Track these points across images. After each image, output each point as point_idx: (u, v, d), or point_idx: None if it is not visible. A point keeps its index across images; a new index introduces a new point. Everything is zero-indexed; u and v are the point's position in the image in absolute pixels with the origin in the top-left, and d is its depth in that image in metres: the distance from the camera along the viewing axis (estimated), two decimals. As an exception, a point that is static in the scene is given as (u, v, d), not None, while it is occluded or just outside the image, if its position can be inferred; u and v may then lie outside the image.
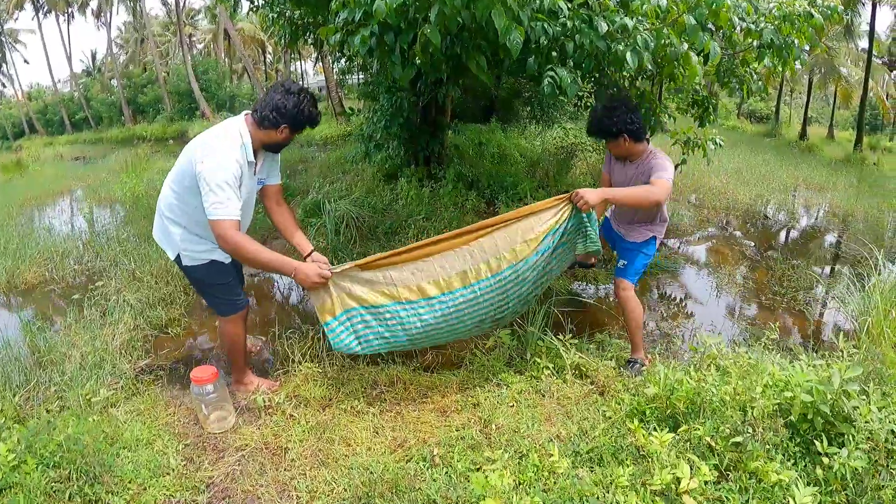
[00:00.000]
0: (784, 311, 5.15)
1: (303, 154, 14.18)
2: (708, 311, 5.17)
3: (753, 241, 7.39)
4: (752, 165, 12.53)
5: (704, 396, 2.75)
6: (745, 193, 9.60)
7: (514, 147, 11.32)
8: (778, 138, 22.97)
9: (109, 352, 3.98)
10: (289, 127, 2.97)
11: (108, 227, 7.85)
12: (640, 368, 3.60)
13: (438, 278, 3.07)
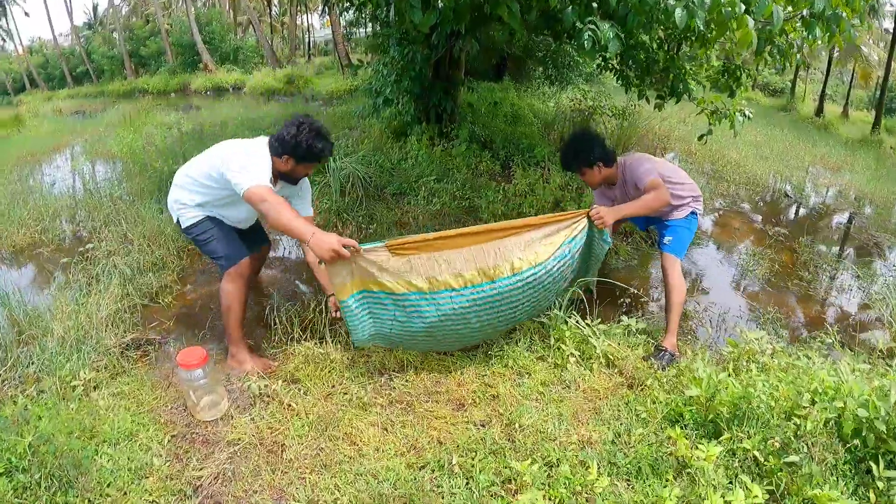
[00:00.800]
0: (814, 301, 4.76)
1: (308, 108, 13.70)
2: (732, 295, 4.78)
3: (776, 221, 6.92)
4: (770, 140, 12.08)
5: (751, 403, 2.46)
6: (763, 168, 9.16)
7: (528, 107, 10.84)
8: (793, 113, 22.30)
9: (94, 325, 3.65)
10: (291, 158, 3.07)
11: (102, 185, 7.50)
12: (670, 359, 3.31)
13: (463, 271, 2.94)
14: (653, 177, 3.45)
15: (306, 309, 3.77)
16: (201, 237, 3.29)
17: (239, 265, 3.25)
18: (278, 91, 21.08)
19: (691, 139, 9.98)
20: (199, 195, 3.23)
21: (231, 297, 3.24)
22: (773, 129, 13.96)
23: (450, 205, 5.89)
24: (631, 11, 3.21)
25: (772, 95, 29.92)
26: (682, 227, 3.75)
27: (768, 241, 6.00)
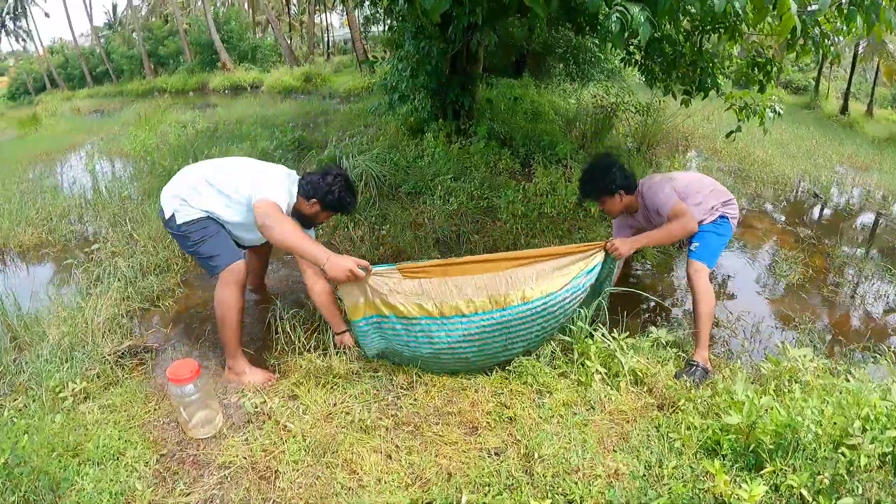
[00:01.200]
0: (853, 310, 4.43)
1: (324, 106, 13.51)
2: (765, 302, 4.44)
3: (806, 223, 6.55)
4: (796, 138, 11.66)
5: (797, 433, 2.18)
6: (791, 168, 8.77)
7: (549, 104, 10.55)
8: (817, 111, 21.71)
9: (91, 330, 3.46)
10: (318, 203, 3.07)
11: (112, 184, 7.34)
12: (703, 375, 3.04)
13: (474, 298, 2.90)
14: (674, 202, 3.31)
15: (312, 316, 3.55)
16: (194, 236, 3.05)
17: (233, 268, 3.03)
18: (296, 89, 20.95)
19: (716, 137, 9.66)
20: (214, 204, 3.07)
21: (226, 306, 3.01)
22: (798, 127, 13.51)
23: (467, 204, 5.62)
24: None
25: (794, 93, 29.30)
26: (710, 232, 3.48)
27: (800, 243, 5.64)
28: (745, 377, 2.77)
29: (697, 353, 3.18)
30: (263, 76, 25.03)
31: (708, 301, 3.28)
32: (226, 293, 3.01)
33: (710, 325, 3.28)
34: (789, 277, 4.77)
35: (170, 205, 3.07)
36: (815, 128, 14.31)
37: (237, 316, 3.03)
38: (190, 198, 3.04)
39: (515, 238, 5.00)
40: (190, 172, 3.17)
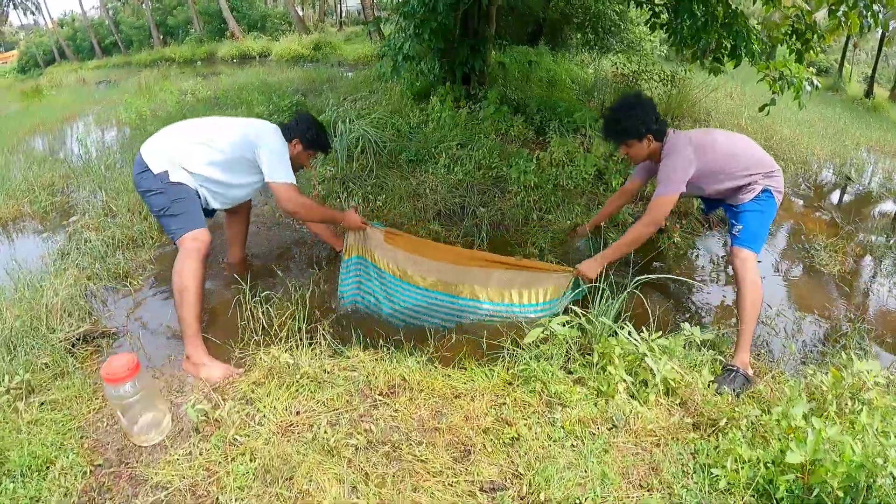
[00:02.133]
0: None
1: (330, 73, 13.00)
2: (805, 296, 3.90)
3: (840, 207, 6.02)
4: (823, 119, 10.95)
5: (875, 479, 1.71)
6: (820, 148, 8.17)
7: (566, 73, 9.98)
8: (841, 94, 20.96)
9: (45, 313, 3.08)
10: (300, 142, 3.26)
11: (101, 154, 7.02)
12: (743, 382, 2.58)
13: (427, 276, 3.25)
14: (662, 194, 2.96)
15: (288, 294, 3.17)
16: (171, 195, 2.86)
17: (196, 235, 2.81)
18: (305, 57, 20.46)
19: (741, 113, 9.08)
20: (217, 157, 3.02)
21: (184, 277, 2.69)
22: (825, 108, 12.83)
23: (474, 174, 5.11)
24: None
25: (817, 75, 28.53)
26: (754, 210, 3.04)
27: (836, 228, 5.10)
28: (802, 393, 2.26)
29: (738, 356, 2.72)
30: (272, 45, 24.52)
31: (756, 295, 2.85)
32: (186, 264, 2.72)
33: (754, 325, 2.83)
34: (830, 268, 4.25)
35: (161, 163, 2.88)
36: (842, 109, 13.74)
37: (196, 290, 2.68)
38: (187, 162, 2.94)
39: (527, 213, 4.52)
40: (185, 133, 3.04)
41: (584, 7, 11.91)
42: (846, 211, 5.82)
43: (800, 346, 3.24)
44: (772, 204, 3.08)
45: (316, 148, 3.36)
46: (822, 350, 3.17)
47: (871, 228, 5.24)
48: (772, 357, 3.09)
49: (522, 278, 3.09)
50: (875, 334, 3.42)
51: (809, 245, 4.64)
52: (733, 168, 3.02)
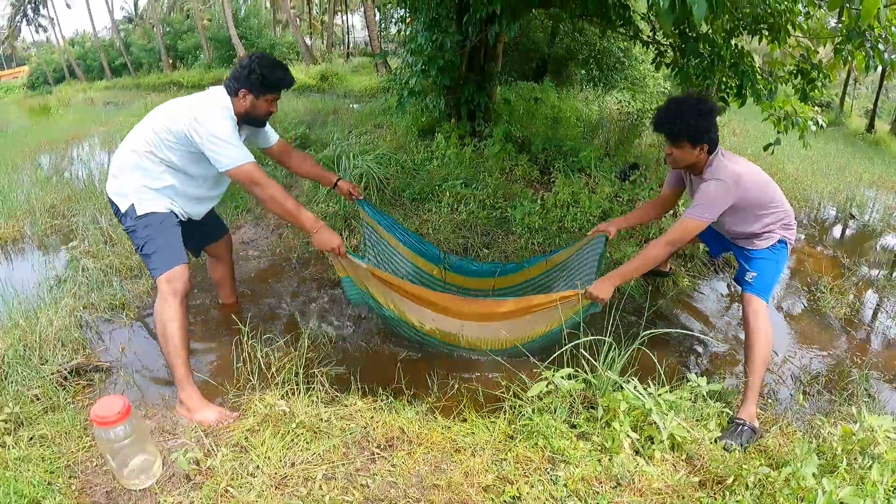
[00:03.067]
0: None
1: (336, 104, 13.07)
2: (811, 341, 3.84)
3: (844, 246, 5.98)
4: (825, 155, 10.99)
5: None
6: (823, 186, 8.18)
7: (570, 110, 10.03)
8: (842, 128, 21.11)
9: (39, 343, 3.04)
10: (248, 92, 2.77)
11: (103, 178, 6.95)
12: (750, 436, 2.52)
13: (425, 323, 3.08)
14: (690, 216, 2.80)
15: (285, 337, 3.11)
16: (144, 231, 2.75)
17: (171, 275, 2.69)
18: (311, 87, 20.54)
19: (745, 150, 9.12)
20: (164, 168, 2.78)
21: (166, 321, 2.62)
22: (827, 143, 12.89)
23: (478, 214, 5.07)
24: None
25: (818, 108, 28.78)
26: (769, 259, 2.96)
27: (842, 269, 5.07)
28: (811, 452, 2.19)
29: (744, 408, 2.65)
30: (280, 74, 24.80)
31: (766, 346, 2.78)
32: (163, 309, 2.64)
33: (762, 376, 2.77)
34: (836, 311, 4.20)
35: (126, 199, 2.77)
36: (844, 145, 13.81)
37: (179, 334, 2.61)
38: (147, 179, 2.76)
39: (531, 255, 4.47)
40: (133, 146, 2.79)
41: (589, 43, 12.00)
42: (850, 249, 5.80)
43: (806, 394, 3.18)
44: (785, 255, 3.02)
45: (270, 88, 2.80)
46: (830, 398, 3.11)
47: (875, 264, 5.23)
48: (779, 406, 3.03)
49: (526, 322, 2.94)
50: (884, 379, 3.39)
51: (814, 287, 4.61)
52: (765, 212, 2.93)
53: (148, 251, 2.73)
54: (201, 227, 3.19)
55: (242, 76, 2.74)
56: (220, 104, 2.74)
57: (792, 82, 5.21)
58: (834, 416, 2.80)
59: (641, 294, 4.03)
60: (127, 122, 11.61)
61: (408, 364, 3.20)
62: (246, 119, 2.86)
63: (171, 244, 2.77)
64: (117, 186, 2.78)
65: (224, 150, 2.62)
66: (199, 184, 2.91)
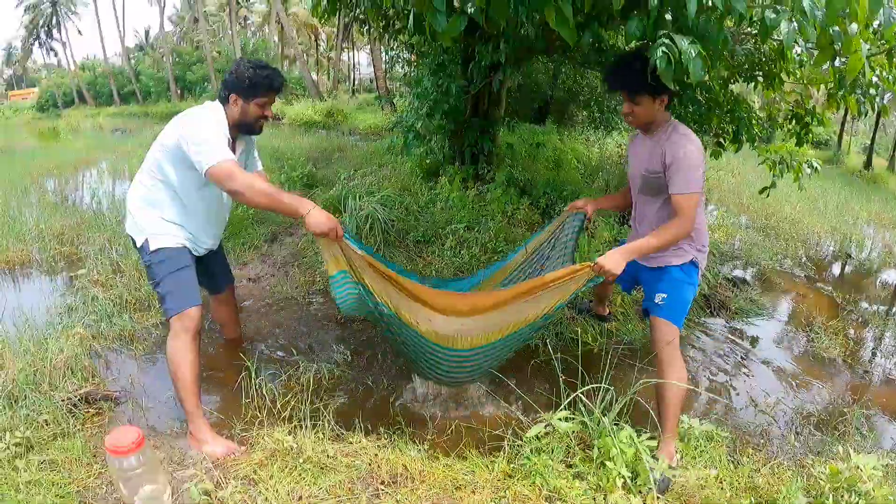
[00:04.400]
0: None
1: (342, 142, 13.27)
2: (804, 382, 3.94)
3: (840, 286, 6.14)
4: (824, 194, 11.23)
5: None
6: (821, 225, 8.37)
7: (571, 152, 10.24)
8: (841, 166, 21.35)
9: (49, 370, 3.11)
10: (238, 97, 2.75)
11: (112, 206, 7.13)
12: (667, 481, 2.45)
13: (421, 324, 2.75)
14: (692, 191, 2.50)
15: (291, 374, 3.18)
16: (159, 268, 2.79)
17: (185, 315, 2.73)
18: (317, 124, 20.70)
19: (743, 191, 9.29)
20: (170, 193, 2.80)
21: (178, 357, 2.68)
22: (824, 182, 13.03)
23: (479, 258, 5.16)
24: (715, 24, 2.58)
25: (816, 147, 28.99)
26: (681, 280, 2.72)
27: (837, 309, 5.20)
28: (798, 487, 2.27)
29: (664, 446, 2.60)
30: (287, 108, 24.99)
31: (681, 376, 2.64)
32: (175, 345, 2.71)
33: (679, 409, 2.65)
34: (830, 351, 4.32)
35: (141, 233, 2.82)
36: (841, 183, 13.96)
37: (191, 371, 2.68)
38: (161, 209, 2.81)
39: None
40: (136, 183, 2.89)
41: (590, 86, 12.17)
42: (847, 288, 5.93)
43: (797, 435, 3.25)
44: (696, 281, 2.79)
45: (259, 92, 2.75)
46: (822, 437, 3.18)
47: (873, 299, 5.33)
48: (771, 446, 3.08)
49: (533, 301, 2.68)
50: (876, 418, 3.48)
51: (809, 328, 4.72)
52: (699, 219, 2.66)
53: (162, 291, 2.78)
54: (210, 269, 3.24)
55: (231, 81, 2.75)
56: (209, 112, 2.73)
57: (787, 127, 5.35)
58: (825, 455, 2.88)
59: (639, 338, 4.11)
60: (135, 151, 11.74)
61: (409, 400, 3.27)
62: (240, 126, 2.83)
63: (186, 285, 2.80)
64: (132, 222, 2.85)
65: (203, 149, 2.54)
66: (203, 196, 2.87)
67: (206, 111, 2.73)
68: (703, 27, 2.57)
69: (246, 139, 2.99)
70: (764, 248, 6.79)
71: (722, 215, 8.16)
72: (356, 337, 3.98)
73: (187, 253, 2.88)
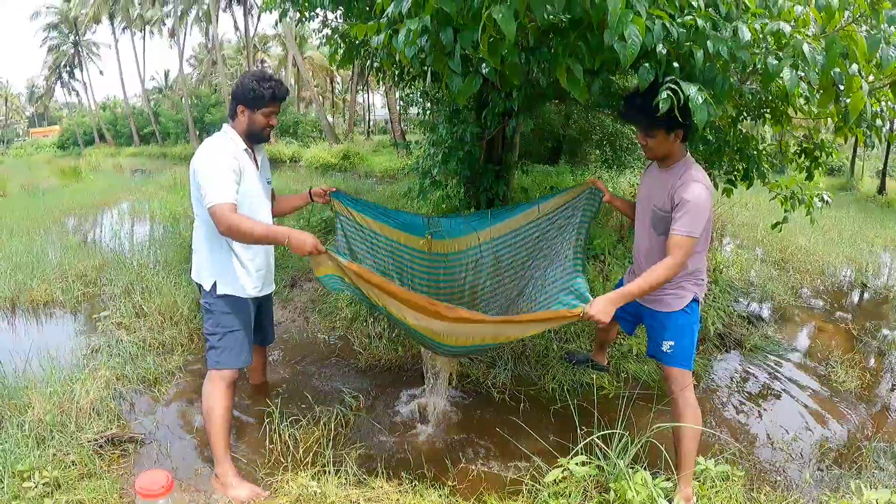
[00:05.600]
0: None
1: (358, 186, 13.42)
2: (821, 417, 3.92)
3: (856, 317, 6.06)
4: (838, 223, 11.07)
5: None
6: (835, 255, 8.29)
7: (586, 193, 10.29)
8: (854, 192, 21.12)
9: (76, 410, 3.20)
10: (244, 107, 2.84)
11: (132, 249, 7.28)
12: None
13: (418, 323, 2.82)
14: (688, 233, 2.49)
15: (314, 422, 3.21)
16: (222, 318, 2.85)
17: (227, 373, 2.83)
18: (333, 166, 20.82)
19: (757, 224, 9.26)
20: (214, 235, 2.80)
21: (213, 402, 2.76)
22: (838, 210, 12.73)
23: (496, 300, 5.21)
24: (720, 73, 2.66)
25: (828, 174, 28.74)
26: (685, 324, 2.73)
27: (854, 342, 5.17)
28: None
29: (682, 489, 2.61)
30: (303, 151, 25.22)
31: (696, 418, 2.67)
32: (212, 391, 2.80)
33: (695, 454, 2.68)
34: (846, 385, 4.30)
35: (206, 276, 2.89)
36: (855, 210, 13.75)
37: (224, 415, 2.75)
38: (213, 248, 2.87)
39: (548, 343, 4.51)
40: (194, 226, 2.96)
41: (602, 125, 12.15)
42: (863, 318, 5.89)
43: (814, 471, 3.24)
44: (698, 315, 2.80)
45: (263, 99, 2.82)
46: (839, 472, 3.17)
47: (889, 328, 5.29)
48: (788, 483, 3.08)
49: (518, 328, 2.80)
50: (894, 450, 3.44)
51: (825, 361, 4.71)
52: (696, 252, 2.65)
53: (216, 344, 2.83)
54: (261, 321, 3.23)
55: (237, 93, 2.84)
56: (220, 143, 2.80)
57: (797, 162, 5.39)
58: (842, 491, 2.87)
59: (657, 380, 4.11)
60: (156, 193, 11.95)
61: (429, 445, 3.29)
62: (249, 136, 2.88)
63: (241, 345, 2.88)
64: (198, 265, 2.93)
65: (208, 186, 2.63)
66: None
67: (217, 141, 2.82)
68: (708, 74, 2.66)
69: (258, 148, 3.04)
70: (779, 282, 6.75)
71: (736, 250, 8.14)
72: (376, 381, 4.01)
73: (250, 306, 2.97)
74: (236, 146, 2.82)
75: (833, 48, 2.39)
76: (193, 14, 40.52)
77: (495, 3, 2.12)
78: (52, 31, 46.88)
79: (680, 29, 2.41)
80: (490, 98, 5.36)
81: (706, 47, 2.44)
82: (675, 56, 2.63)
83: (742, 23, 2.46)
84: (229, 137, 2.84)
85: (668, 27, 2.34)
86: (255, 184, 2.92)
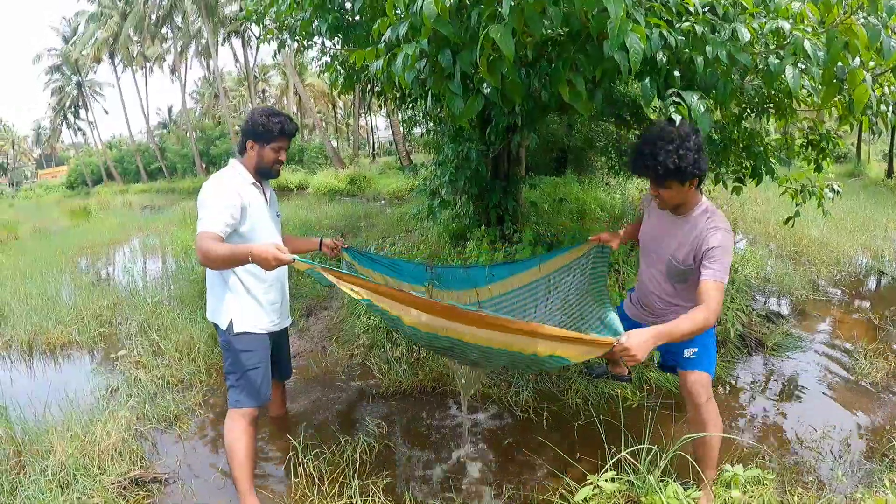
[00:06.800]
0: None
1: (367, 209, 13.43)
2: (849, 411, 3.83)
3: (876, 306, 5.96)
4: (850, 211, 10.86)
5: None
6: (849, 244, 8.18)
7: (594, 201, 10.28)
8: (862, 178, 20.87)
9: (98, 453, 3.19)
10: (253, 142, 2.87)
11: (146, 286, 7.29)
12: None
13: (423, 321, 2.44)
14: (721, 278, 2.40)
15: (338, 454, 3.20)
16: (241, 356, 2.85)
17: (248, 410, 2.83)
18: (341, 191, 20.88)
19: (768, 220, 9.18)
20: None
21: (234, 439, 2.76)
22: (848, 198, 12.37)
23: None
24: (721, 79, 2.65)
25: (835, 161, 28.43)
26: (707, 332, 2.63)
27: (876, 331, 5.07)
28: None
29: (705, 495, 2.56)
30: (310, 178, 25.31)
31: (717, 427, 2.62)
32: (233, 428, 2.80)
33: (716, 461, 2.64)
34: (872, 377, 4.20)
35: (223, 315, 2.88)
36: (865, 196, 13.55)
37: (246, 452, 2.74)
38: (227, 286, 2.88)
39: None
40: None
41: (606, 132, 12.21)
42: (883, 306, 5.80)
43: (846, 466, 3.17)
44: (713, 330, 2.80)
45: (272, 134, 2.85)
46: (871, 467, 3.11)
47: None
48: (820, 481, 3.02)
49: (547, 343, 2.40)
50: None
51: (848, 354, 4.63)
52: None
53: (236, 383, 2.84)
54: (278, 356, 3.21)
55: (246, 129, 2.88)
56: (223, 172, 2.85)
57: (804, 154, 5.32)
58: (875, 486, 2.81)
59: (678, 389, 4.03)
60: (167, 229, 12.00)
61: (455, 470, 3.24)
62: (258, 171, 2.89)
63: (260, 383, 2.88)
64: (211, 307, 2.94)
65: (202, 214, 2.64)
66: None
67: (222, 175, 2.83)
68: (710, 80, 2.65)
69: (266, 183, 3.04)
70: (795, 276, 6.67)
71: (749, 248, 8.05)
72: (399, 407, 3.98)
73: (268, 342, 2.97)
74: (242, 180, 2.83)
75: (834, 44, 2.38)
76: (193, 49, 40.98)
77: (493, 23, 2.12)
78: (54, 73, 47.58)
79: (679, 36, 2.41)
80: (493, 115, 5.36)
81: (706, 53, 2.43)
82: (674, 64, 2.63)
83: (740, 23, 2.45)
84: (236, 171, 2.85)
85: (666, 35, 2.34)
86: (265, 217, 2.91)
